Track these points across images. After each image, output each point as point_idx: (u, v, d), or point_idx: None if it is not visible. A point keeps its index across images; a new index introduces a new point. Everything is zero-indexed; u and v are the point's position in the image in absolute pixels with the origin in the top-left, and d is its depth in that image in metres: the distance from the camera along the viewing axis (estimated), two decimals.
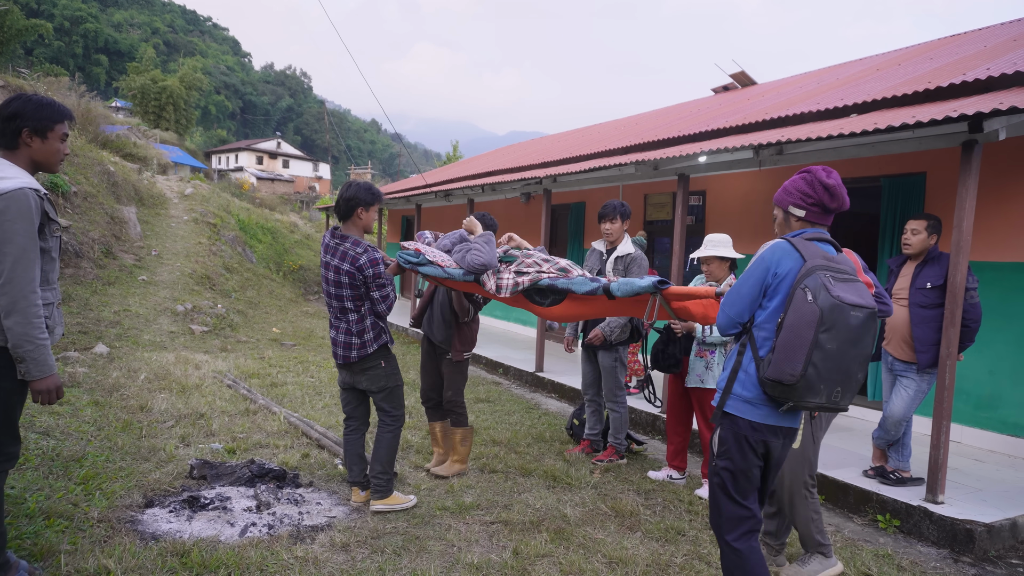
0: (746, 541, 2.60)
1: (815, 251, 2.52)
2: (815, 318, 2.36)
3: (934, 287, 4.35)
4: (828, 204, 2.66)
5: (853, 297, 2.41)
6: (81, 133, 16.24)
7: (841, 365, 2.42)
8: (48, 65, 48.30)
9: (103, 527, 3.40)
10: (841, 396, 2.47)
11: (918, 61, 7.75)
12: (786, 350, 2.41)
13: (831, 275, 2.44)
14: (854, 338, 2.41)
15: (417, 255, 4.08)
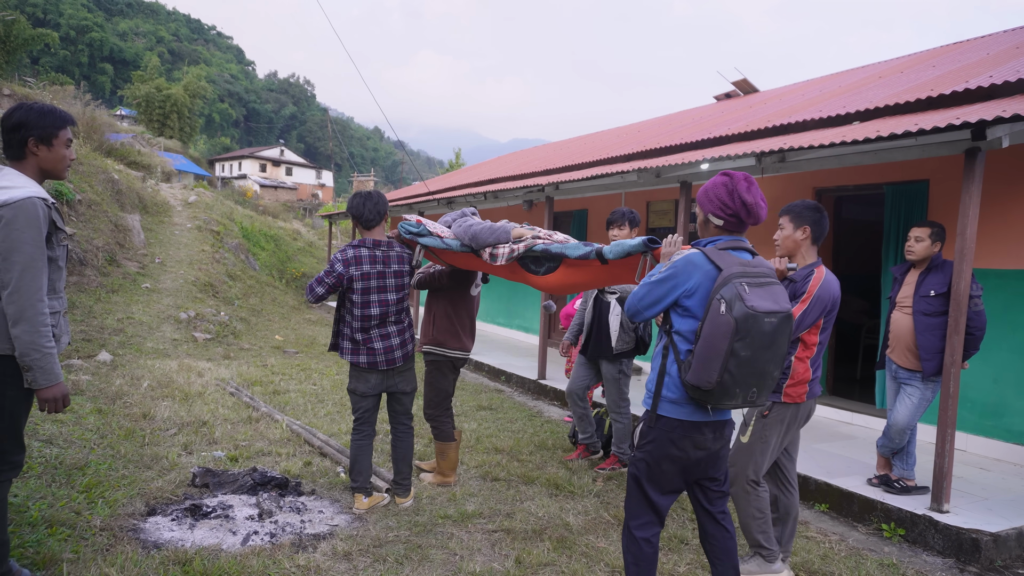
0: (646, 531, 2.74)
1: (730, 260, 2.59)
2: (729, 329, 2.44)
3: (938, 295, 4.34)
4: (744, 218, 2.73)
5: (767, 304, 2.50)
6: (86, 141, 16.32)
7: (755, 368, 2.52)
8: (54, 74, 48.59)
9: (105, 536, 3.39)
10: (757, 395, 2.59)
11: (921, 69, 7.75)
12: (703, 359, 2.50)
13: (747, 282, 2.51)
14: (767, 343, 2.51)
15: (418, 226, 4.15)
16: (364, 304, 3.96)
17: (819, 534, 4.20)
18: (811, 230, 3.42)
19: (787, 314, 2.55)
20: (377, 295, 3.97)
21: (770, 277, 2.62)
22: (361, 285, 3.92)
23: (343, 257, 3.96)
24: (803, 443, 5.83)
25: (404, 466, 4.23)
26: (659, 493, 2.73)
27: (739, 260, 2.61)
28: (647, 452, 2.71)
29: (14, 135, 2.60)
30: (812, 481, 4.81)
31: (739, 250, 2.71)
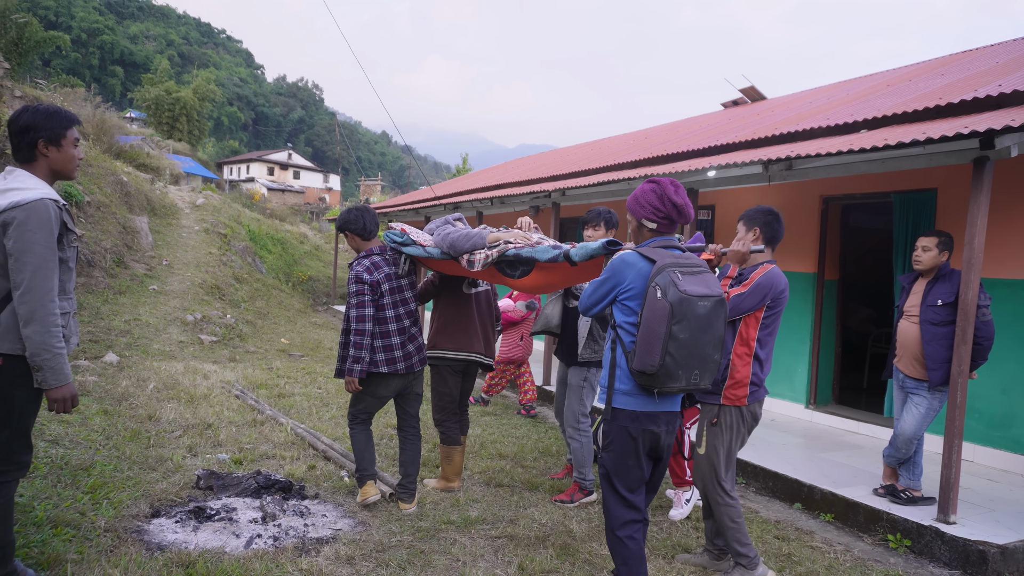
0: (629, 531, 2.88)
1: (663, 253, 2.85)
2: (666, 313, 2.67)
3: (945, 304, 4.32)
4: (676, 219, 2.97)
5: (700, 288, 2.74)
6: (95, 143, 16.43)
7: (695, 351, 2.73)
8: (65, 76, 48.96)
9: (110, 537, 3.40)
10: (700, 378, 2.79)
11: (929, 77, 7.73)
12: (645, 343, 2.70)
13: (679, 271, 2.76)
14: (704, 325, 2.74)
15: (402, 235, 4.28)
16: (395, 306, 4.13)
17: (824, 544, 4.17)
18: (761, 231, 3.56)
19: (720, 298, 2.79)
20: (399, 295, 4.17)
21: (701, 267, 2.86)
22: (388, 287, 4.10)
23: (362, 268, 4.07)
24: (809, 452, 5.81)
25: (412, 469, 4.30)
26: (630, 489, 2.89)
27: (671, 253, 2.86)
28: (611, 449, 2.88)
29: (23, 138, 2.62)
30: (818, 491, 4.78)
31: (670, 248, 2.95)
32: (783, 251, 7.46)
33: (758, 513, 4.67)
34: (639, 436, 2.85)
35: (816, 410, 7.11)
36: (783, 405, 7.40)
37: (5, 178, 2.61)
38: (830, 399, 7.35)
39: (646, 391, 2.81)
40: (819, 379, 7.22)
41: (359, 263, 4.11)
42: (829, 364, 7.31)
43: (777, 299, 3.44)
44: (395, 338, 4.10)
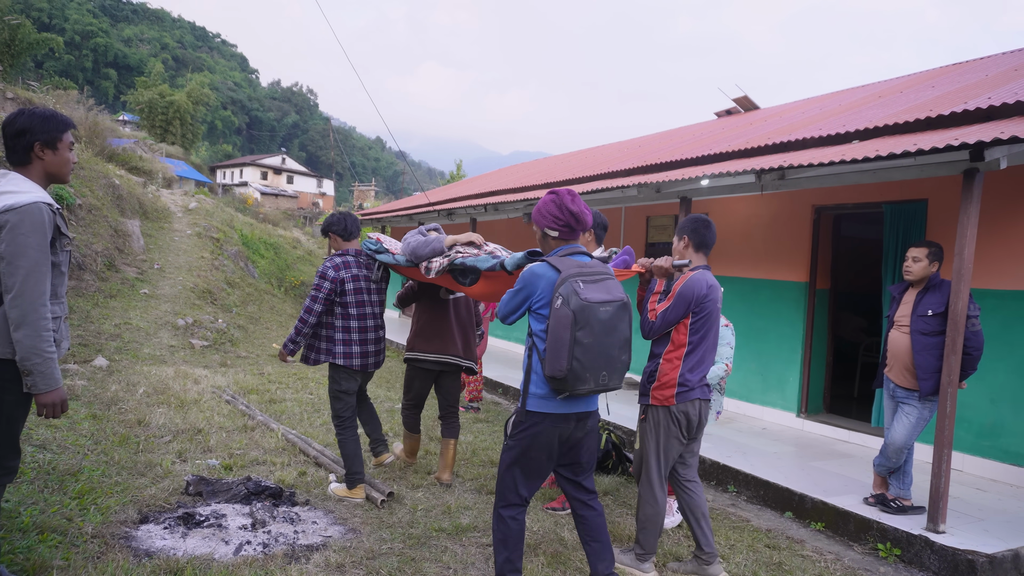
0: (513, 511, 3.09)
1: (569, 263, 2.99)
2: (569, 321, 2.82)
3: (935, 314, 4.34)
4: (574, 226, 3.12)
5: (601, 295, 2.92)
6: (88, 146, 16.36)
7: (601, 354, 2.89)
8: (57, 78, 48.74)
9: (97, 543, 3.37)
10: (608, 379, 2.95)
11: (920, 89, 7.80)
12: (552, 350, 2.85)
13: (582, 280, 2.91)
14: (607, 329, 2.91)
15: (376, 243, 4.63)
16: (359, 305, 4.44)
17: (815, 553, 4.18)
18: (690, 239, 3.70)
19: (622, 302, 2.99)
20: (367, 296, 4.49)
21: (604, 275, 3.04)
22: (352, 286, 4.41)
23: (332, 264, 4.40)
24: (799, 460, 5.82)
25: (375, 427, 4.91)
26: (528, 479, 3.09)
27: (577, 263, 3.01)
28: (518, 441, 3.04)
29: (19, 140, 2.61)
30: (808, 499, 4.79)
31: (576, 254, 3.10)
32: (775, 260, 7.50)
33: (749, 522, 4.67)
34: (551, 436, 3.01)
35: (807, 419, 7.13)
36: (774, 414, 7.42)
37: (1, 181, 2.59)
38: (821, 408, 7.37)
39: (556, 390, 2.95)
40: (810, 388, 7.25)
41: (330, 260, 4.43)
42: (820, 373, 7.34)
43: (701, 304, 3.54)
44: (355, 335, 4.41)
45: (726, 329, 4.47)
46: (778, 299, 7.48)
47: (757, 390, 7.66)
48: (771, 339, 7.52)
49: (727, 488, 5.43)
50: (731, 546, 4.13)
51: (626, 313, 3.01)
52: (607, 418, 5.46)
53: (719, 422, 7.18)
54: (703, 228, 3.69)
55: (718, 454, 5.80)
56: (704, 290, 3.54)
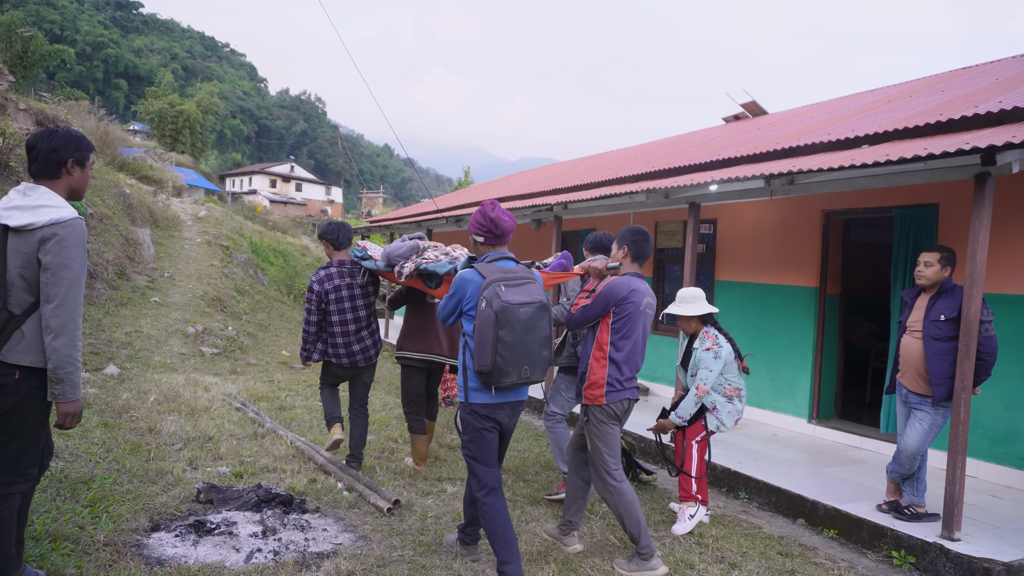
0: (491, 496, 3.42)
1: (494, 269, 3.36)
2: (491, 320, 3.18)
3: (948, 319, 4.31)
4: (495, 231, 3.49)
5: (521, 297, 3.26)
6: (99, 156, 16.49)
7: (522, 350, 3.26)
8: (69, 89, 49.23)
9: (109, 551, 3.38)
10: (530, 372, 3.32)
11: (929, 93, 7.77)
12: (478, 347, 3.22)
13: (504, 284, 3.26)
14: (527, 328, 3.27)
15: (363, 251, 5.01)
16: (341, 312, 4.91)
17: (828, 560, 4.14)
18: (628, 249, 3.94)
19: (541, 304, 3.33)
20: (350, 303, 4.93)
21: (526, 279, 3.38)
22: (335, 296, 4.89)
23: (316, 279, 4.90)
24: (812, 467, 5.78)
25: (359, 443, 5.13)
26: (488, 465, 3.45)
27: (501, 268, 3.38)
28: (468, 433, 3.44)
29: (52, 156, 2.72)
30: (821, 506, 4.75)
31: (503, 259, 3.49)
32: (785, 266, 7.47)
33: (761, 529, 4.64)
34: (489, 424, 3.43)
35: (819, 425, 7.08)
36: (785, 420, 7.38)
37: (28, 194, 2.66)
38: (832, 414, 7.32)
39: (486, 385, 3.32)
40: (821, 394, 7.20)
41: (316, 274, 4.93)
42: (831, 378, 7.29)
43: (621, 305, 3.77)
44: (339, 339, 4.93)
45: (707, 353, 4.43)
46: (788, 304, 7.44)
47: (768, 396, 7.61)
48: (781, 344, 7.48)
49: (738, 495, 5.39)
50: (743, 553, 4.10)
51: (545, 313, 3.36)
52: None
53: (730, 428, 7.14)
54: (641, 240, 3.94)
55: (729, 460, 5.77)
56: (624, 292, 3.77)
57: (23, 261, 2.61)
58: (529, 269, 3.54)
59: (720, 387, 4.55)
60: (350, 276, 4.95)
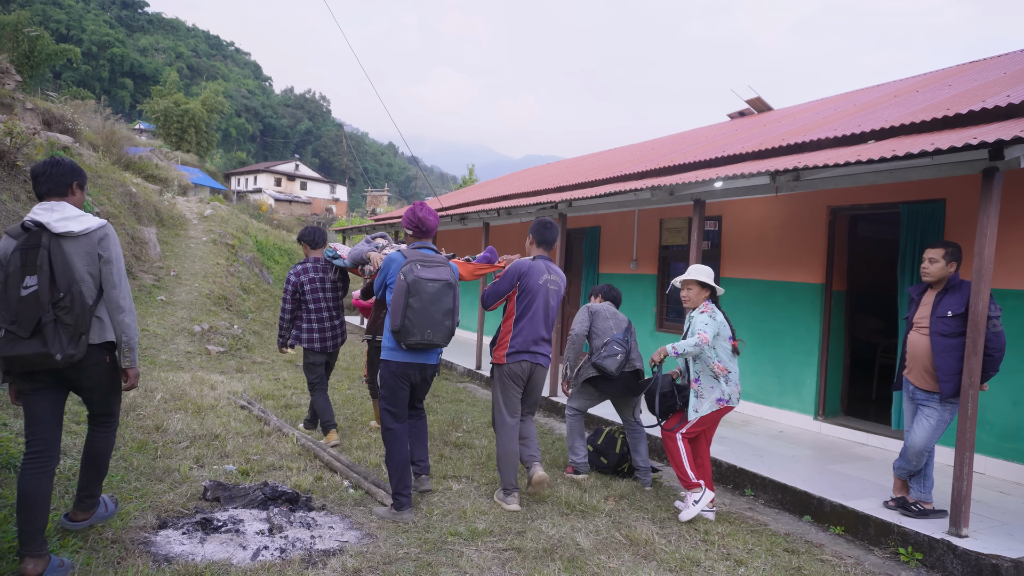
0: (397, 423, 4.33)
1: (416, 253, 4.27)
2: (404, 289, 4.07)
3: (955, 315, 4.29)
4: (422, 227, 4.44)
5: (431, 274, 4.15)
6: (105, 155, 16.55)
7: (426, 317, 4.09)
8: (75, 88, 49.42)
9: (117, 548, 3.40)
10: (432, 336, 4.13)
11: (936, 88, 7.73)
12: (392, 310, 4.11)
13: (420, 263, 4.15)
14: (433, 299, 4.11)
15: (334, 252, 5.90)
16: (315, 301, 5.76)
17: (834, 557, 4.13)
18: (533, 236, 4.89)
19: (447, 282, 4.20)
20: (323, 294, 5.78)
21: (440, 263, 4.24)
22: (309, 287, 5.74)
23: (294, 272, 5.76)
24: (818, 464, 5.77)
25: (328, 415, 5.78)
26: (398, 411, 4.34)
27: (421, 253, 4.29)
28: (383, 379, 4.33)
29: (62, 179, 3.25)
30: (827, 503, 4.74)
31: (424, 248, 4.41)
32: (791, 262, 7.44)
33: (767, 526, 4.63)
34: (400, 377, 4.28)
35: (825, 421, 7.06)
36: (791, 416, 7.36)
37: (56, 209, 3.17)
38: (839, 410, 7.30)
39: (397, 343, 4.16)
40: (827, 390, 7.18)
41: (294, 268, 5.78)
42: (838, 375, 7.27)
43: (522, 279, 4.67)
44: (315, 324, 5.77)
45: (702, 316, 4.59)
46: (794, 301, 7.42)
47: (773, 393, 7.60)
48: (787, 341, 7.46)
49: (744, 492, 5.38)
50: (749, 550, 4.10)
51: (450, 290, 4.22)
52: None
53: (735, 425, 7.13)
54: (543, 229, 4.87)
55: (735, 457, 5.76)
56: (524, 269, 4.69)
57: (88, 260, 3.18)
58: (444, 257, 4.47)
59: (709, 360, 4.58)
60: (324, 271, 5.81)
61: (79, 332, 3.10)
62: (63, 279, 3.07)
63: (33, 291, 3.01)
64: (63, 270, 3.08)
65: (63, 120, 15.50)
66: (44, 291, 3.01)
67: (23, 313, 3.00)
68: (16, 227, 3.15)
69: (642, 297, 9.59)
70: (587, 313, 5.46)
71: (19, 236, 3.11)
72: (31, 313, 3.00)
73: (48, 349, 3.01)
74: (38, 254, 3.04)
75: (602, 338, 5.33)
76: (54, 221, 3.11)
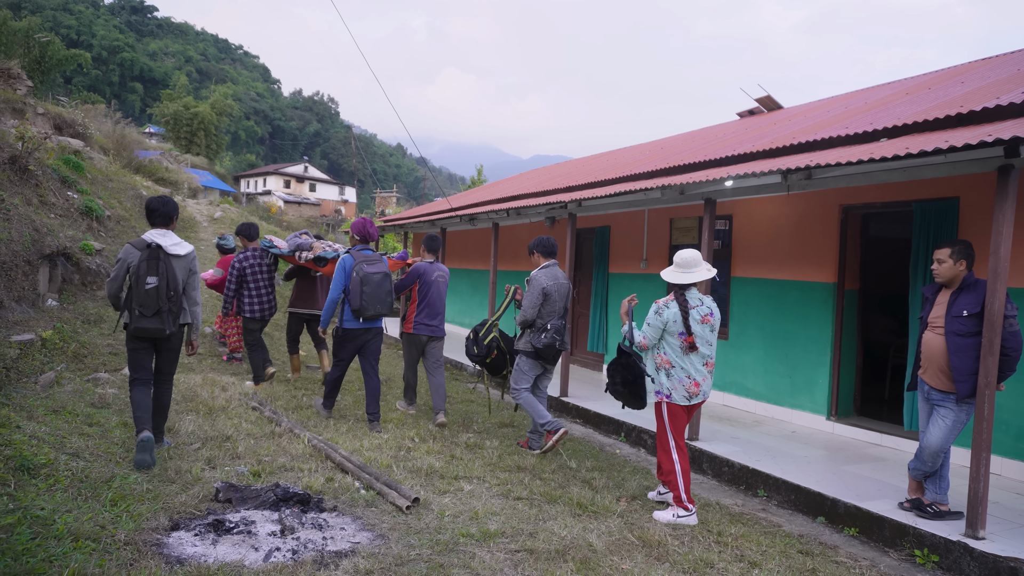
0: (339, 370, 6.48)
1: (361, 255, 6.21)
2: (359, 282, 6.02)
3: (971, 315, 4.24)
4: (364, 237, 6.51)
5: (373, 269, 6.11)
6: (115, 158, 16.65)
7: (375, 299, 6.07)
8: (86, 93, 49.75)
9: (130, 550, 3.40)
10: (380, 309, 6.10)
11: (949, 85, 7.66)
12: (353, 296, 6.06)
13: (365, 264, 6.11)
14: (377, 285, 6.08)
15: (269, 242, 7.80)
16: (255, 281, 7.57)
17: (849, 559, 4.09)
18: (425, 247, 7.09)
19: (384, 274, 6.16)
20: (261, 275, 7.63)
21: (377, 260, 6.24)
22: (250, 271, 7.56)
23: (238, 259, 7.54)
24: (831, 464, 5.72)
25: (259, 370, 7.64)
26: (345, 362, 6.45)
27: (364, 255, 6.24)
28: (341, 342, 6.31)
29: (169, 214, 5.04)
30: (841, 504, 4.70)
31: (365, 250, 6.38)
32: (802, 261, 7.39)
33: (780, 527, 4.59)
34: (355, 340, 6.30)
35: (837, 422, 7.01)
36: (803, 416, 7.31)
37: (167, 235, 4.94)
38: (852, 410, 7.25)
39: (355, 318, 6.15)
40: (840, 390, 7.12)
41: (237, 256, 7.57)
42: (850, 375, 7.22)
43: (421, 277, 6.87)
44: (255, 298, 7.56)
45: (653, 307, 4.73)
46: (806, 300, 7.37)
47: (785, 393, 7.55)
48: (799, 341, 7.41)
49: (757, 492, 5.35)
50: (763, 552, 4.06)
51: (388, 278, 6.22)
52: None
53: (746, 425, 7.09)
54: (431, 241, 7.06)
55: (747, 458, 5.72)
56: (422, 270, 6.88)
57: (183, 271, 4.96)
58: (380, 255, 6.43)
59: (655, 351, 4.69)
60: (261, 258, 7.67)
61: (177, 316, 4.85)
62: (172, 282, 4.77)
63: (153, 287, 4.66)
64: (172, 277, 4.78)
65: (74, 124, 15.62)
66: (162, 289, 4.69)
67: (147, 301, 4.65)
68: (140, 241, 4.81)
69: (652, 297, 9.54)
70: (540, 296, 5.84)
71: (142, 249, 4.74)
72: (152, 302, 4.66)
73: (162, 326, 4.72)
74: (158, 265, 4.71)
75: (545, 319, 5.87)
76: (168, 245, 4.85)
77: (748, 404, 7.99)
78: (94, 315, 8.84)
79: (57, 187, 10.31)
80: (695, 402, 4.68)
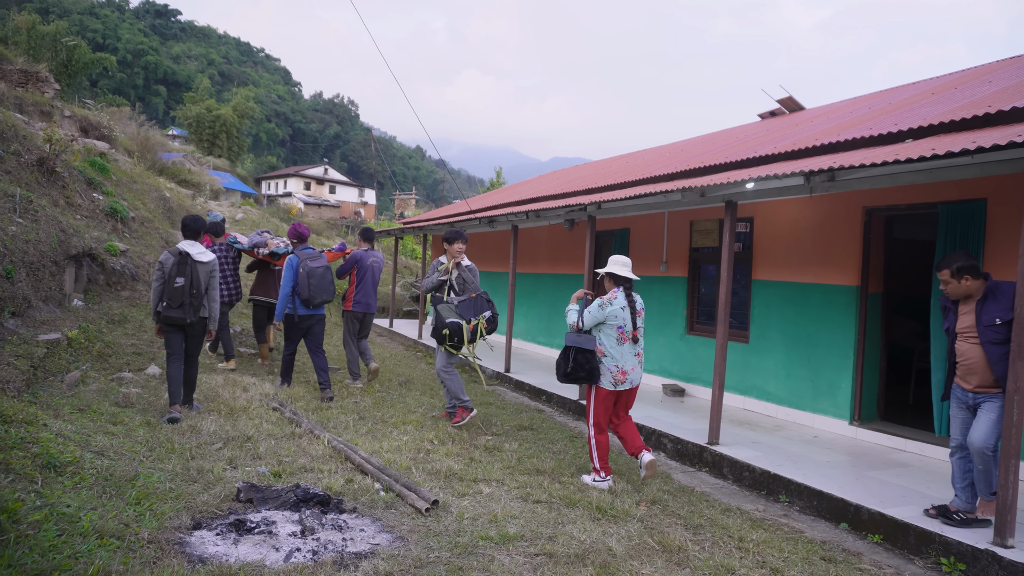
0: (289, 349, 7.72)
1: (304, 254, 7.47)
2: (306, 276, 7.30)
3: (1004, 322, 4.15)
4: (300, 238, 7.80)
5: (316, 264, 7.40)
6: (139, 160, 16.88)
7: (320, 289, 7.36)
8: (111, 96, 50.55)
9: (153, 548, 3.44)
10: (324, 297, 7.40)
11: (976, 84, 7.53)
12: (301, 287, 7.31)
13: (309, 260, 7.38)
14: (320, 277, 7.36)
15: (234, 238, 8.97)
16: (221, 272, 8.46)
17: (873, 567, 4.03)
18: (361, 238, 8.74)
19: (326, 267, 7.45)
20: (227, 266, 8.72)
21: (318, 256, 7.53)
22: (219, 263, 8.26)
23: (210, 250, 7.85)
24: (854, 470, 5.65)
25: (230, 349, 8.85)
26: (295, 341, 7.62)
27: (308, 253, 7.50)
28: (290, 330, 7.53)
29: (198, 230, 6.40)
30: (865, 510, 4.63)
31: (307, 248, 7.62)
32: (825, 264, 7.31)
33: (803, 533, 4.54)
34: (302, 325, 7.46)
35: (861, 427, 6.92)
36: (826, 421, 7.22)
37: (197, 246, 6.19)
38: (875, 415, 7.14)
39: (305, 306, 7.37)
40: (863, 395, 7.03)
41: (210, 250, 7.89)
42: (874, 379, 7.11)
43: (359, 263, 8.41)
44: (221, 285, 8.44)
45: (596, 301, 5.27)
46: (828, 303, 7.28)
47: (807, 397, 7.46)
48: (822, 344, 7.33)
49: (778, 498, 5.29)
50: (785, 558, 4.02)
51: (329, 271, 7.39)
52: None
53: (768, 430, 7.02)
54: (367, 232, 8.76)
55: (768, 463, 5.66)
56: (359, 256, 8.42)
57: (206, 275, 6.20)
58: (319, 252, 7.67)
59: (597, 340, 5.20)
60: (227, 252, 8.79)
61: (198, 309, 6.13)
62: (196, 282, 6.08)
63: (181, 285, 5.98)
64: (196, 278, 6.08)
65: (100, 127, 15.86)
66: (187, 287, 6.01)
67: (175, 296, 5.97)
68: (175, 248, 6.08)
69: (672, 300, 9.50)
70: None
71: (176, 255, 6.03)
72: (178, 297, 5.98)
73: (184, 315, 6.03)
74: (186, 268, 6.03)
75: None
76: (195, 253, 6.14)
77: (769, 408, 7.91)
78: (118, 315, 8.97)
79: (83, 189, 10.48)
80: (622, 388, 5.21)
